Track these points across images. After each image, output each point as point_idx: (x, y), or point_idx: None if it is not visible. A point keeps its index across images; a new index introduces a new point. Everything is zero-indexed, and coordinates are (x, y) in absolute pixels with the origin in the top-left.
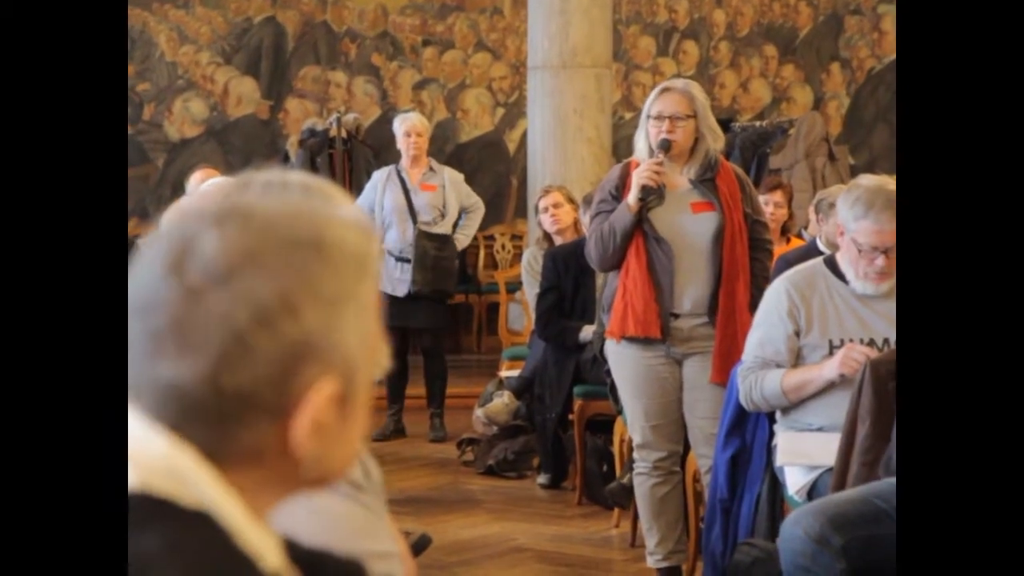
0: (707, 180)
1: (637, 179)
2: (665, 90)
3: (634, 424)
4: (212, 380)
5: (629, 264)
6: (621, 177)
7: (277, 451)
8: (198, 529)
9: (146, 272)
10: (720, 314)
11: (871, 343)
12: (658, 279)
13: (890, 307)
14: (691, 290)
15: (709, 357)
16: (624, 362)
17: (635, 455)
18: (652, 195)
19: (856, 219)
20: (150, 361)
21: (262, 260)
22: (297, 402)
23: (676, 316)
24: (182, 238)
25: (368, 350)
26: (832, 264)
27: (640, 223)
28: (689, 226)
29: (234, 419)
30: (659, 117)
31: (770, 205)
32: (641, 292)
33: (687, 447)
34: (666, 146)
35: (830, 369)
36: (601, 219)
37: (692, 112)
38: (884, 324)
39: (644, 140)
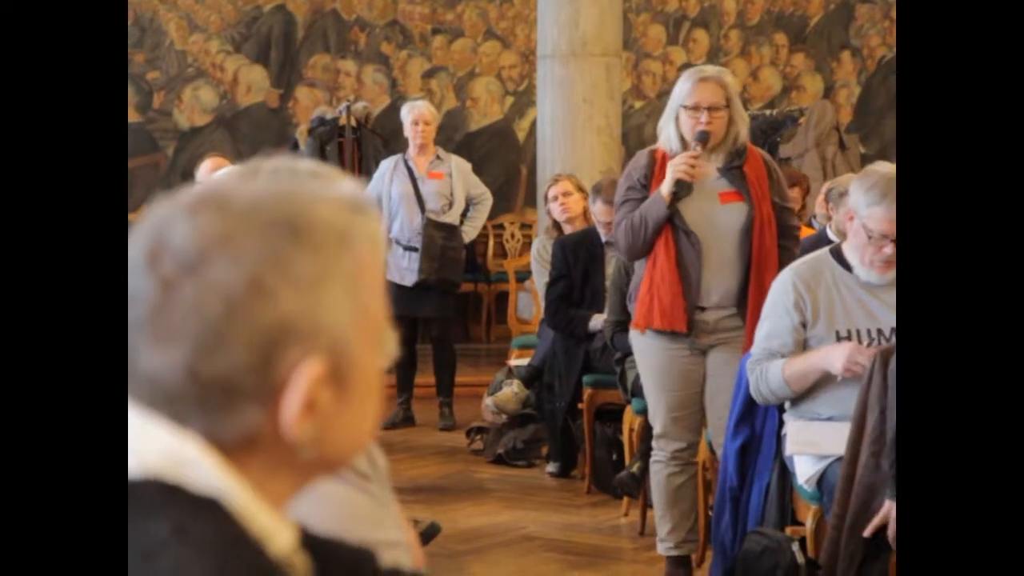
0: (735, 168)
1: (673, 171)
2: (702, 80)
3: (655, 414)
4: (189, 369)
5: (657, 256)
6: (649, 166)
7: (272, 436)
8: (206, 514)
9: (130, 264)
10: (750, 305)
11: (878, 333)
12: (686, 272)
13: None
14: (719, 283)
15: (735, 347)
16: (648, 353)
17: (653, 444)
18: (685, 188)
19: (869, 205)
20: (134, 353)
21: (232, 246)
22: (282, 386)
23: (703, 309)
24: (159, 229)
25: (367, 326)
26: (838, 254)
27: (670, 215)
28: (718, 217)
29: (219, 407)
30: (696, 108)
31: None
32: (669, 285)
33: None
34: (704, 139)
35: (832, 364)
36: (629, 207)
37: (726, 101)
38: (890, 314)
39: (674, 129)
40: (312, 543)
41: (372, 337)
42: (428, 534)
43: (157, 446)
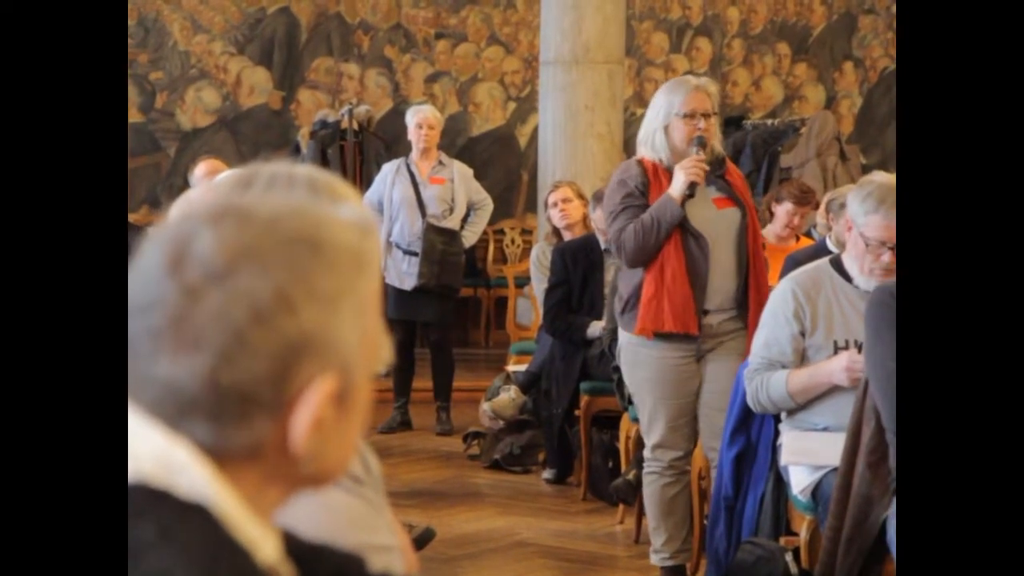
0: (720, 176)
1: (684, 174)
2: (696, 88)
3: (652, 424)
4: (210, 378)
5: (667, 259)
6: (643, 174)
7: (276, 448)
8: (193, 519)
9: (145, 271)
10: (751, 307)
11: None
12: (696, 274)
13: None
14: (721, 285)
15: (731, 349)
16: (647, 361)
17: (648, 454)
18: (692, 191)
19: (866, 213)
20: (149, 359)
21: (259, 258)
22: (295, 399)
23: (706, 312)
24: (180, 238)
25: (367, 347)
26: (838, 264)
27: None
28: (718, 221)
29: (232, 416)
30: (693, 115)
31: (796, 216)
32: (680, 288)
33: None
34: (703, 143)
35: (838, 376)
36: (631, 214)
37: (715, 110)
38: None
39: (664, 138)
40: (299, 550)
41: (371, 358)
42: (423, 539)
43: (149, 451)
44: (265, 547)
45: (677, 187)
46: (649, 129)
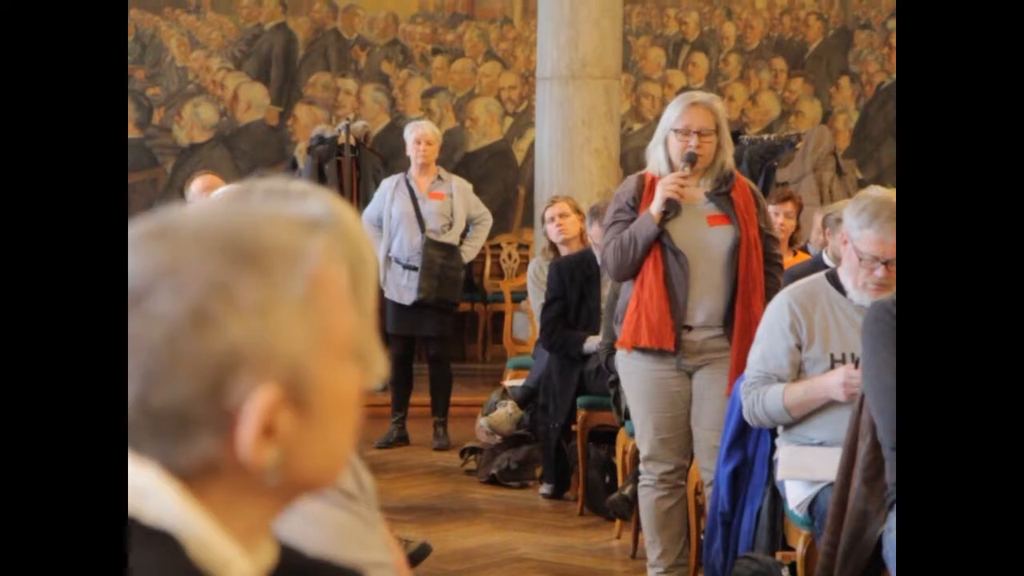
0: (723, 193)
1: (663, 191)
2: (693, 104)
3: (642, 436)
4: (140, 402)
5: (645, 275)
6: (638, 189)
7: (233, 463)
8: (156, 547)
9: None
10: (736, 327)
11: None
12: (673, 291)
13: None
14: (706, 303)
15: (720, 368)
16: (635, 373)
17: (641, 467)
18: (674, 208)
19: (860, 228)
20: None
21: (175, 277)
22: (237, 413)
23: (689, 328)
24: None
25: (329, 347)
26: (834, 278)
27: (659, 235)
28: (706, 239)
29: (173, 436)
30: (686, 131)
31: (780, 216)
32: (656, 304)
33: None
34: (693, 160)
35: (835, 391)
36: (618, 229)
37: (716, 126)
38: None
39: (663, 152)
40: (301, 564)
41: (339, 356)
42: (419, 554)
43: None
44: (237, 566)
45: (654, 204)
46: (652, 144)
